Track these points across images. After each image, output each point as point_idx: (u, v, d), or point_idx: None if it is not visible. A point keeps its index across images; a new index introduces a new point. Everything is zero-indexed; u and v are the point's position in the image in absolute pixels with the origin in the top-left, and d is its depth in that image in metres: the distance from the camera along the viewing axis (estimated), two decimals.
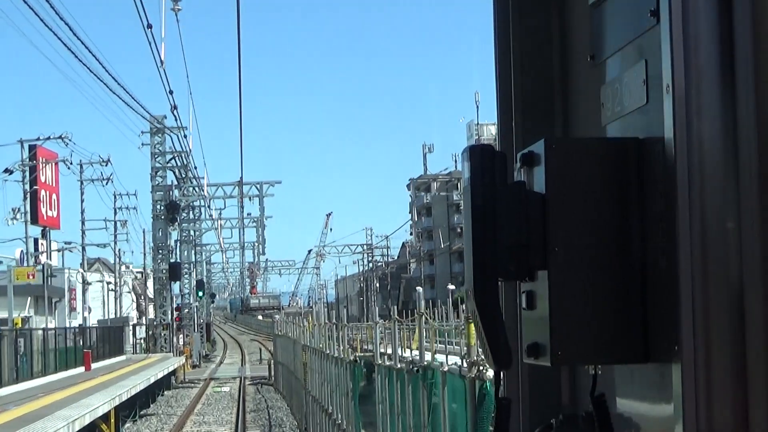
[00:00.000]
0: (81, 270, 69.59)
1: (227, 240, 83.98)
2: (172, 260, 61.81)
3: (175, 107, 41.83)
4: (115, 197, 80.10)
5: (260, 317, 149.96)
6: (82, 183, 75.02)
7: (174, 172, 63.95)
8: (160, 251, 63.06)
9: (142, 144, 63.17)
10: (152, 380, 41.00)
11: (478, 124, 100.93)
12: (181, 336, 70.18)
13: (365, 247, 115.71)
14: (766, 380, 1.65)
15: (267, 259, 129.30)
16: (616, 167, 1.94)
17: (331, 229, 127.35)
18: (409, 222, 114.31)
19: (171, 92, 39.66)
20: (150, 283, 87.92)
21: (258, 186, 66.71)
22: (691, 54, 1.71)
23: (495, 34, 2.43)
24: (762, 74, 1.66)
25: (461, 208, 2.39)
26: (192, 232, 75.22)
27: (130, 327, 65.17)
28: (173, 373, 54.34)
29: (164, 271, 62.84)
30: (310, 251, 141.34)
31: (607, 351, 1.94)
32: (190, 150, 58.81)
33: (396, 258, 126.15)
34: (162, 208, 61.96)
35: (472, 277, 1.98)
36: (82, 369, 44.15)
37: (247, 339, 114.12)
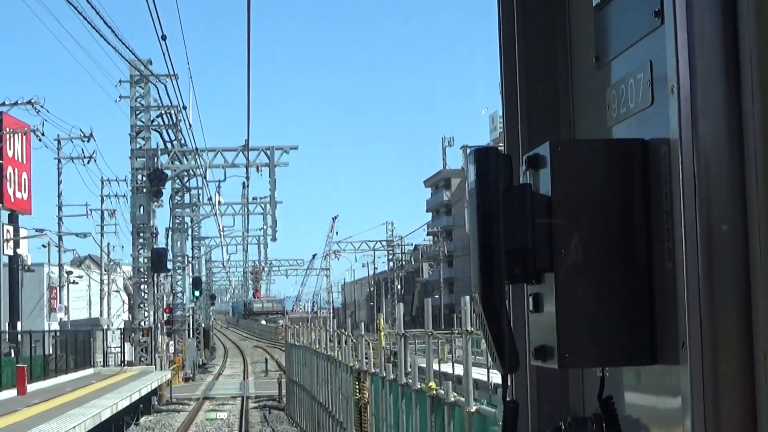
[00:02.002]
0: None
1: (228, 229, 70.46)
2: (157, 246, 46.99)
3: (164, 37, 28.57)
4: (102, 183, 67.50)
5: (263, 322, 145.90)
6: (59, 161, 62.97)
7: (160, 134, 48.24)
8: (141, 234, 47.25)
9: (120, 97, 47.62)
10: (105, 416, 27.15)
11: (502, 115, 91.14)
12: (171, 343, 58.21)
13: (385, 243, 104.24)
14: None
15: (271, 262, 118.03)
16: (621, 169, 1.93)
17: (337, 233, 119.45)
18: (428, 221, 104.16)
19: (164, 37, 26.28)
20: None
21: (268, 152, 48.53)
22: (696, 55, 1.72)
23: (499, 36, 2.43)
24: (767, 74, 1.67)
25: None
26: (188, 220, 61.90)
27: (103, 332, 50.61)
28: (155, 392, 41.33)
29: (145, 260, 47.58)
30: (314, 255, 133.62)
31: (614, 353, 1.93)
32: (183, 105, 44.53)
33: (408, 261, 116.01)
34: (144, 178, 46.74)
35: (479, 281, 1.98)
36: (14, 392, 31.12)
37: (250, 345, 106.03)
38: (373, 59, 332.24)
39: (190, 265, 71.72)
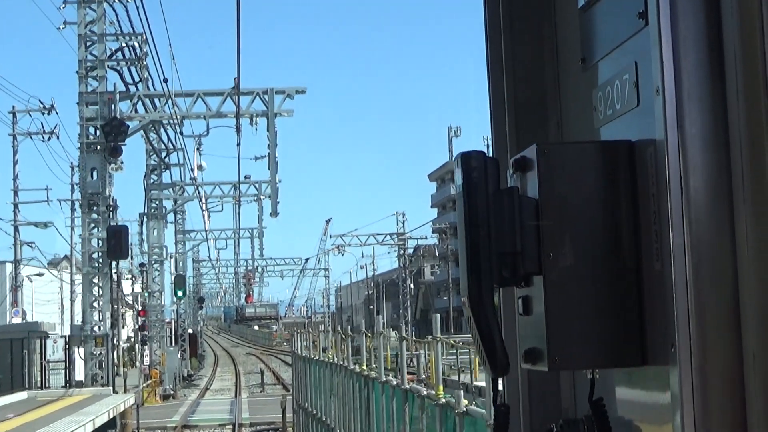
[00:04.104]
0: None
1: (216, 214, 58.72)
2: (115, 224, 33.48)
3: None
4: (72, 169, 56.96)
5: (256, 327, 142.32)
6: (15, 137, 55.75)
7: (120, 73, 33.95)
8: (94, 208, 33.04)
9: (65, 23, 33.69)
10: None
11: None
12: (146, 353, 48.78)
13: (396, 237, 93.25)
14: (763, 381, 1.66)
15: (266, 261, 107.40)
16: (608, 170, 1.94)
17: (330, 236, 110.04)
18: (433, 218, 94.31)
19: None
20: (126, 285, 68.76)
21: (264, 96, 34.18)
22: (680, 55, 1.73)
23: (486, 39, 2.44)
24: (751, 74, 1.68)
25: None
26: (167, 204, 50.28)
27: (41, 341, 37.14)
28: (113, 423, 29.54)
29: (100, 243, 33.03)
30: (307, 259, 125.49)
31: (604, 355, 1.94)
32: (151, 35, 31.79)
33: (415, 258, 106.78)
34: (97, 131, 32.58)
35: (468, 284, 1.98)
36: None
37: (243, 353, 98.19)
38: (374, 55, 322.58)
39: (171, 259, 60.39)
